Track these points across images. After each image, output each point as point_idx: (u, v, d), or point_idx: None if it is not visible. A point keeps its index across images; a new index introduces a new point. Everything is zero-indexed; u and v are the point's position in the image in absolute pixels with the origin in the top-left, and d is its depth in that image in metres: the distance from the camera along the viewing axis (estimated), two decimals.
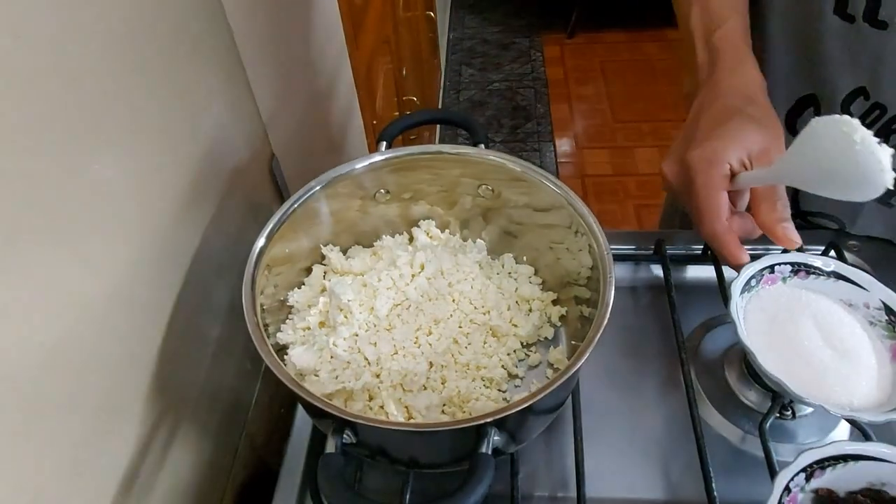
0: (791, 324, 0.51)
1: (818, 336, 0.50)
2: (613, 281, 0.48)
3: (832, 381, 0.48)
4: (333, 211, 0.58)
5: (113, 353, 0.42)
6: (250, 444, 0.61)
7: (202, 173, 0.53)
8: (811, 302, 0.52)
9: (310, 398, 0.41)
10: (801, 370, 0.48)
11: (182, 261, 0.51)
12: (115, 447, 0.43)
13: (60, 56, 0.35)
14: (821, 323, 0.50)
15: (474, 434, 0.40)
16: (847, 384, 0.48)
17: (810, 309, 0.51)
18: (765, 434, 0.50)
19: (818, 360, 0.49)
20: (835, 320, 0.51)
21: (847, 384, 0.48)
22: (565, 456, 0.54)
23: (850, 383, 0.48)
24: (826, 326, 0.50)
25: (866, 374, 0.48)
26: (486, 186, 0.60)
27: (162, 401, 0.48)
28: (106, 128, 0.40)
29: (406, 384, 0.51)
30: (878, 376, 0.48)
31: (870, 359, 0.49)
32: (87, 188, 0.38)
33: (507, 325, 0.56)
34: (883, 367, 0.49)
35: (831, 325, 0.50)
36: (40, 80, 0.34)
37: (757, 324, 0.51)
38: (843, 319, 0.51)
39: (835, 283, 0.52)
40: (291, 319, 0.55)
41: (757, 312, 0.52)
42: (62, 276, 0.36)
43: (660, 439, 0.56)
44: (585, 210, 0.52)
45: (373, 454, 0.47)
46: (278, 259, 0.53)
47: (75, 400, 0.38)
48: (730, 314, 0.49)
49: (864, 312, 0.51)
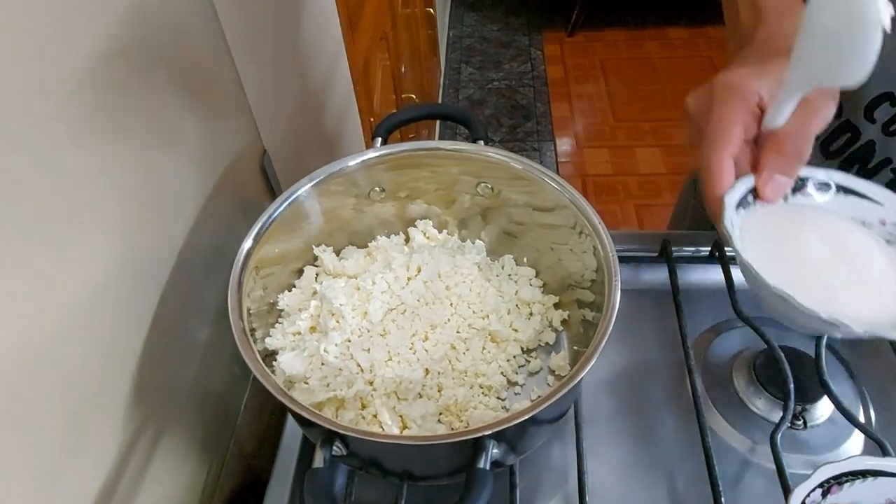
0: (795, 239, 0.43)
1: (827, 250, 0.43)
2: (619, 285, 0.45)
3: (845, 297, 0.41)
4: (326, 210, 0.56)
5: (92, 357, 0.40)
6: (239, 453, 0.59)
7: (189, 169, 0.51)
8: (817, 218, 0.45)
9: (298, 408, 0.38)
10: (808, 284, 0.41)
11: (167, 261, 0.48)
12: (92, 458, 0.40)
13: (38, 46, 0.33)
14: (828, 239, 0.43)
15: (472, 447, 0.38)
16: (864, 300, 0.41)
17: (816, 225, 0.44)
18: (776, 446, 0.48)
19: (828, 274, 0.42)
20: (844, 236, 0.44)
21: (864, 300, 0.41)
22: (567, 467, 0.52)
23: (867, 300, 0.41)
24: (834, 242, 0.43)
25: (887, 290, 0.42)
26: (486, 185, 0.58)
27: (144, 408, 0.45)
28: (85, 120, 0.38)
29: (401, 392, 0.48)
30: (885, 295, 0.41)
31: (889, 276, 0.43)
32: (64, 183, 0.36)
33: (507, 329, 0.54)
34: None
35: (840, 240, 0.43)
36: (13, 67, 0.31)
37: (755, 240, 0.43)
38: (854, 235, 0.44)
39: (844, 199, 0.45)
40: (281, 324, 0.53)
41: (755, 229, 0.44)
42: (37, 277, 0.34)
43: (666, 449, 0.53)
44: (590, 210, 0.50)
45: (364, 466, 0.45)
46: (268, 260, 0.51)
47: (49, 408, 0.36)
48: (723, 228, 0.41)
49: (880, 230, 0.45)
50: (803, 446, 0.52)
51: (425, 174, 0.58)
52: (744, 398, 0.55)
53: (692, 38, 2.68)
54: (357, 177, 0.55)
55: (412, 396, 0.48)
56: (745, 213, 0.44)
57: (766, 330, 0.55)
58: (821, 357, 0.53)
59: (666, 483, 0.52)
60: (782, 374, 0.52)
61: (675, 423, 0.55)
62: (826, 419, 0.53)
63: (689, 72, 2.49)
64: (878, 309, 0.40)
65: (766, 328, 0.55)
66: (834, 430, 0.53)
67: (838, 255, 0.42)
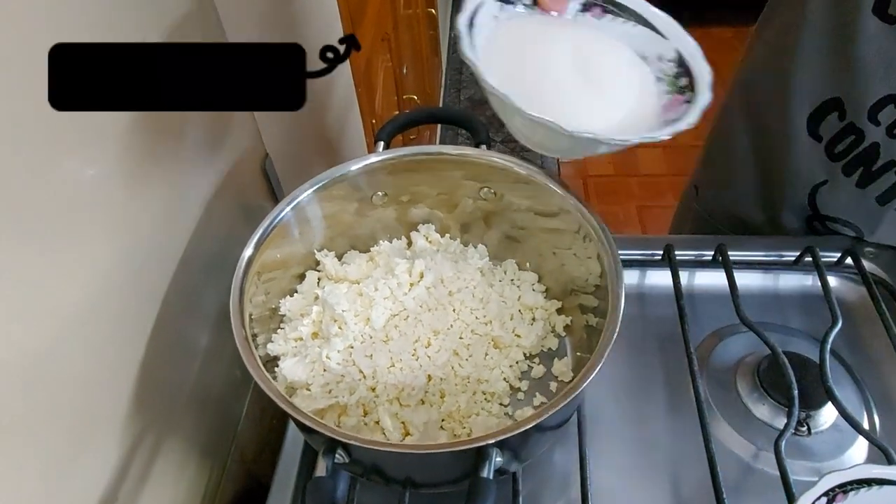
0: (545, 47, 0.42)
1: (570, 63, 0.42)
2: (623, 292, 0.45)
3: (570, 106, 0.41)
4: (328, 215, 0.55)
5: (91, 364, 0.39)
6: (240, 458, 0.59)
7: (189, 173, 0.51)
8: (585, 36, 0.44)
9: (300, 416, 0.38)
10: (534, 89, 0.41)
11: (168, 266, 0.48)
12: (92, 465, 0.40)
13: (37, 46, 0.33)
14: (584, 55, 0.42)
15: (475, 455, 0.38)
16: (588, 111, 0.41)
17: (578, 41, 0.43)
18: (780, 453, 0.48)
19: (560, 83, 0.41)
20: (602, 56, 0.43)
21: (588, 111, 0.41)
22: (570, 473, 0.52)
23: (592, 111, 0.41)
24: (587, 59, 0.42)
25: (616, 109, 0.42)
26: (489, 189, 0.57)
27: (144, 415, 0.45)
28: (84, 122, 0.37)
29: (403, 399, 0.48)
30: (632, 117, 0.42)
31: (627, 99, 0.43)
32: (63, 188, 0.36)
33: (510, 335, 0.54)
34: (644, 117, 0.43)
35: (594, 59, 0.43)
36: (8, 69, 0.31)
37: (503, 44, 0.42)
38: (615, 58, 0.44)
39: (634, 29, 0.45)
40: (283, 329, 0.53)
41: (513, 32, 0.43)
42: (36, 284, 0.34)
43: (668, 455, 0.53)
44: (593, 216, 0.50)
45: (366, 473, 0.44)
46: (269, 265, 0.51)
47: (49, 416, 0.35)
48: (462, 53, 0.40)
49: (656, 67, 0.45)
50: (807, 453, 0.52)
51: (428, 178, 0.58)
52: (747, 404, 0.55)
53: (695, 38, 2.67)
54: (359, 181, 0.55)
55: (415, 403, 0.48)
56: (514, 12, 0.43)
57: (770, 335, 0.54)
58: (825, 362, 0.52)
59: (669, 489, 0.51)
60: (786, 380, 0.51)
61: (678, 429, 0.54)
62: (830, 425, 0.53)
63: None
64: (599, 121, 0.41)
65: (770, 333, 0.55)
66: (838, 436, 0.53)
67: (582, 70, 0.42)
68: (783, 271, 0.65)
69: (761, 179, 0.71)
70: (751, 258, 0.65)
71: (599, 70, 0.42)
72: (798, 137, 0.63)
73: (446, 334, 0.52)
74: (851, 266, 0.62)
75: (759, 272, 0.65)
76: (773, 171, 0.68)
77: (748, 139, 0.70)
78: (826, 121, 0.60)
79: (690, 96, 0.43)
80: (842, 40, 0.55)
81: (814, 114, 0.60)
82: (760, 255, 0.65)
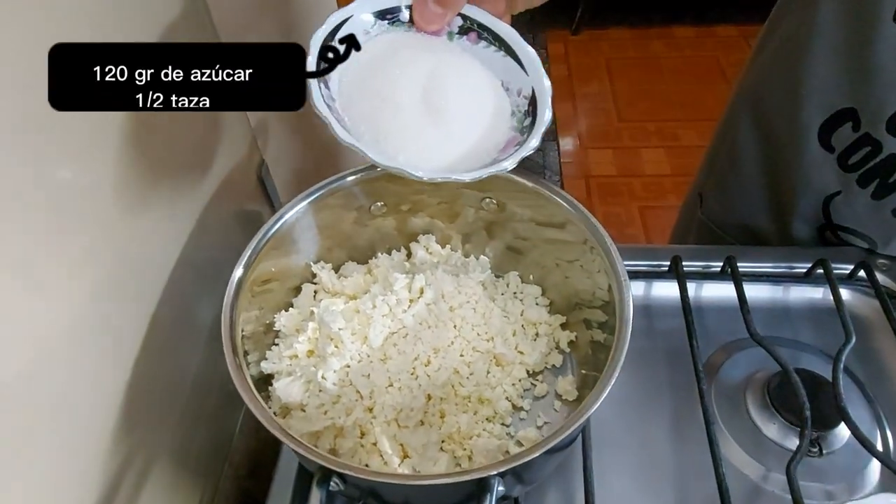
0: (400, 72, 0.40)
1: (420, 93, 0.40)
2: (632, 307, 0.43)
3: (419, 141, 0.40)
4: (325, 225, 0.54)
5: (75, 388, 0.37)
6: (233, 475, 0.57)
7: (182, 180, 0.49)
8: (448, 61, 0.41)
9: (294, 444, 0.37)
10: (384, 128, 0.39)
11: (159, 278, 0.46)
12: (77, 492, 0.38)
13: (20, 43, 0.31)
14: (438, 83, 0.40)
15: (476, 485, 0.36)
16: (438, 146, 0.40)
17: (439, 66, 0.41)
18: (793, 477, 0.46)
19: (408, 117, 0.40)
20: (458, 84, 0.41)
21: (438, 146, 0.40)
22: (574, 493, 0.50)
23: (440, 146, 0.40)
24: (439, 87, 0.40)
25: (461, 143, 0.41)
26: (490, 199, 0.55)
27: (133, 436, 0.43)
28: (67, 123, 0.35)
29: (401, 420, 0.46)
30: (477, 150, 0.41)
31: (473, 131, 0.41)
32: (42, 196, 0.34)
33: (513, 352, 0.52)
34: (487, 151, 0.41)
35: (449, 87, 0.41)
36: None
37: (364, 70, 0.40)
38: (473, 86, 0.42)
39: (503, 59, 0.43)
40: (277, 346, 0.51)
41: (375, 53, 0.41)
42: (13, 306, 0.32)
43: (676, 476, 0.51)
44: (600, 227, 0.48)
45: (363, 497, 0.43)
46: (264, 279, 0.49)
47: (28, 445, 0.34)
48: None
49: (515, 99, 0.43)
50: (819, 474, 0.50)
51: (428, 187, 0.56)
52: (757, 422, 0.53)
53: (699, 37, 2.65)
54: (357, 190, 0.53)
55: (413, 424, 0.47)
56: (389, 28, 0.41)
57: (781, 351, 0.53)
58: (838, 382, 0.51)
59: None
60: (798, 400, 0.50)
61: (686, 448, 0.52)
62: (842, 446, 0.51)
63: (696, 72, 2.46)
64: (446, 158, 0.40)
65: (780, 349, 0.53)
66: (851, 456, 0.51)
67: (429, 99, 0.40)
68: (794, 284, 0.63)
69: (770, 188, 0.69)
70: (760, 270, 0.63)
71: (448, 100, 0.40)
72: (809, 147, 0.61)
73: (446, 352, 0.50)
74: (864, 279, 0.61)
75: (768, 284, 0.63)
76: (783, 180, 0.66)
77: (756, 147, 0.68)
78: (839, 131, 0.58)
79: (522, 141, 0.42)
80: (858, 48, 0.53)
81: (826, 124, 0.58)
82: (770, 266, 0.64)
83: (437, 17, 0.40)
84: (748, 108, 0.68)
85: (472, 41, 0.43)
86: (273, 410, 0.47)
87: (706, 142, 0.80)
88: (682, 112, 2.27)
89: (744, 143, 0.69)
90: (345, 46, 0.38)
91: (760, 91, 0.66)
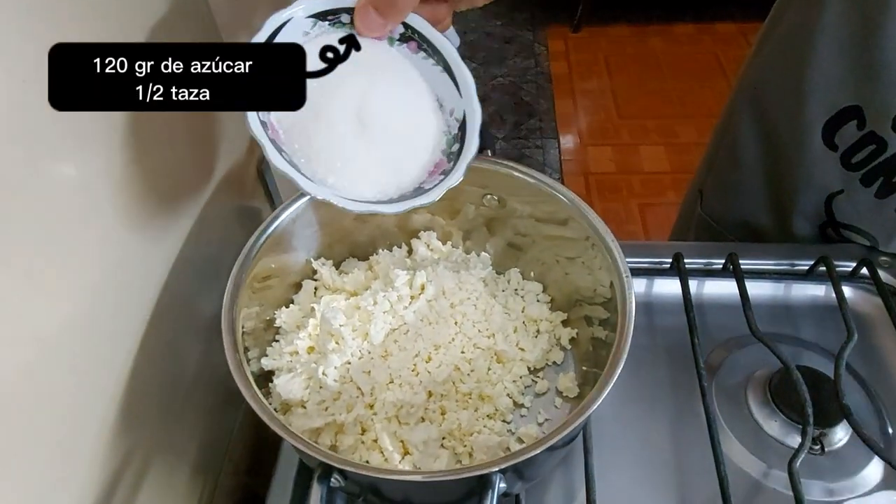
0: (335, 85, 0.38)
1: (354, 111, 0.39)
2: (634, 306, 0.43)
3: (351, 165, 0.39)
4: (325, 222, 0.53)
5: (72, 387, 0.37)
6: (234, 471, 0.57)
7: (182, 177, 0.49)
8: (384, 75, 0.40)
9: (295, 441, 0.36)
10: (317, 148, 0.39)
11: (159, 274, 0.46)
12: (77, 489, 0.38)
13: (20, 42, 0.31)
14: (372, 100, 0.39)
15: (477, 482, 0.36)
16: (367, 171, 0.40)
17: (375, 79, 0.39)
18: (795, 475, 0.46)
19: (339, 137, 0.39)
20: (393, 102, 0.40)
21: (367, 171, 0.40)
22: (575, 491, 0.50)
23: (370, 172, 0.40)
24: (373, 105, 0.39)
25: (389, 164, 0.40)
26: (492, 196, 0.55)
27: (133, 434, 0.43)
28: (67, 127, 0.35)
29: (402, 416, 0.46)
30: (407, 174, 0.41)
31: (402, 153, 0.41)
32: (41, 192, 0.33)
33: (514, 349, 0.52)
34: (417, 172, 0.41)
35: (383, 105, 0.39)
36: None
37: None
38: (407, 101, 0.41)
39: (441, 74, 0.42)
40: (278, 342, 0.51)
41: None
42: (11, 302, 0.32)
43: (677, 473, 0.51)
44: (601, 224, 0.48)
45: (363, 493, 0.42)
46: (265, 275, 0.49)
47: (25, 445, 0.33)
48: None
49: (447, 118, 0.42)
50: (821, 472, 0.50)
51: None
52: (758, 420, 0.53)
53: (698, 34, 2.65)
54: None
55: (414, 421, 0.46)
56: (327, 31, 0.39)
57: (783, 348, 0.53)
58: (840, 379, 0.51)
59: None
60: (800, 397, 0.50)
61: (687, 445, 0.52)
62: (844, 443, 0.51)
63: (695, 69, 2.46)
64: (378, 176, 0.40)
65: (782, 346, 0.53)
66: (852, 454, 0.51)
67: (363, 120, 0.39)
68: (795, 281, 0.63)
69: (771, 186, 0.68)
70: (762, 267, 0.63)
71: (381, 118, 0.39)
72: (811, 145, 0.60)
73: (447, 349, 0.50)
74: (866, 276, 0.60)
75: (770, 282, 0.63)
76: (784, 177, 0.66)
77: (756, 144, 0.68)
78: (843, 129, 0.57)
79: (448, 170, 0.41)
80: (863, 45, 0.52)
81: (829, 122, 0.58)
82: (772, 264, 0.64)
83: (379, 25, 0.39)
84: (749, 105, 0.68)
85: (412, 50, 0.41)
86: (273, 407, 0.47)
87: (706, 139, 0.80)
88: (682, 109, 2.27)
89: (744, 140, 0.69)
90: (345, 46, 0.38)
91: (761, 88, 0.66)
